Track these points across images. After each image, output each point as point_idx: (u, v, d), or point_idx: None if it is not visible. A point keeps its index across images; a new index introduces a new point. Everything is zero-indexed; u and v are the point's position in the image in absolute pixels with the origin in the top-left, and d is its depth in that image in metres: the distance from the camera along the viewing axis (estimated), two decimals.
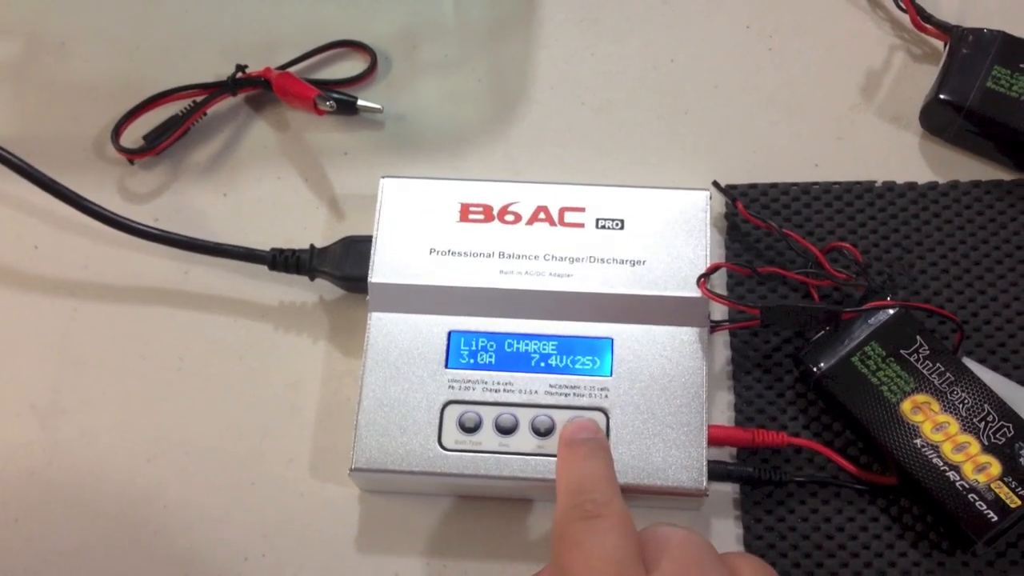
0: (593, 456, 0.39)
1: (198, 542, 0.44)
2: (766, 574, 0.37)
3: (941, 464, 0.41)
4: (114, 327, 0.48)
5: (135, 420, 0.47)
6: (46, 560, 0.44)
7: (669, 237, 0.45)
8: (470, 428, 0.43)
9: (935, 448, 0.41)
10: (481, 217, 0.46)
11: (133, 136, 0.52)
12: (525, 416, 0.43)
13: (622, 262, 0.45)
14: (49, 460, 0.46)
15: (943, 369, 0.42)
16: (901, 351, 0.43)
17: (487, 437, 0.43)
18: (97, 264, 0.50)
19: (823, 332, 0.44)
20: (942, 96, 0.48)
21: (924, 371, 0.42)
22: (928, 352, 0.43)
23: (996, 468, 0.40)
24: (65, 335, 0.48)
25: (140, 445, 0.46)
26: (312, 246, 0.47)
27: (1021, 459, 0.40)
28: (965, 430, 0.41)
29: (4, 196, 0.51)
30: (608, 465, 0.39)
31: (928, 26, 0.51)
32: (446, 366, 0.44)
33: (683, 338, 0.44)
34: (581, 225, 0.46)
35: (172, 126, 0.51)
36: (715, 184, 0.49)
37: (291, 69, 0.53)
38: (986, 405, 0.41)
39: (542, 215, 0.46)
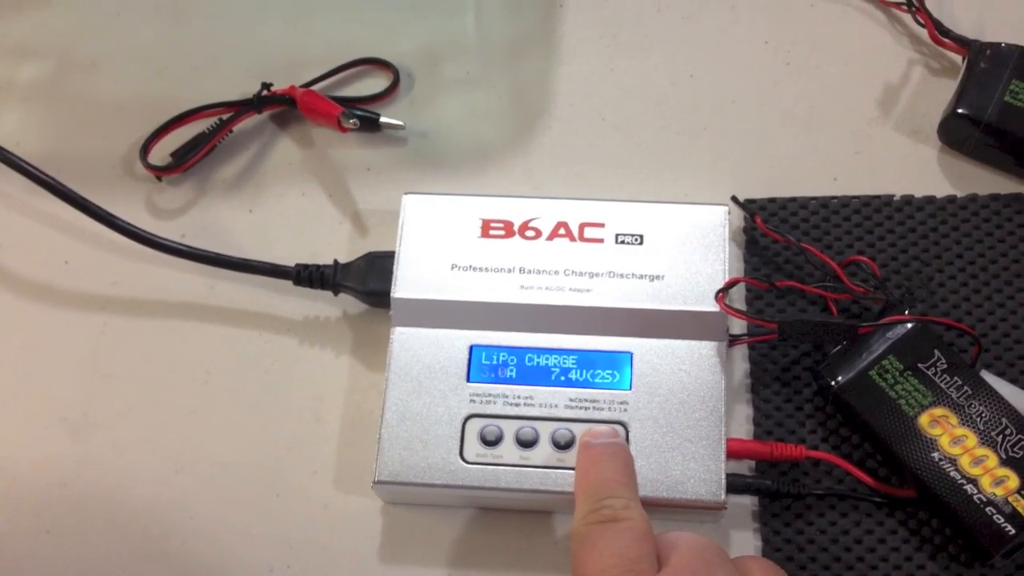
0: (612, 459, 0.40)
1: (224, 553, 0.45)
2: (776, 574, 0.37)
3: (959, 477, 0.41)
4: (143, 341, 0.50)
5: (163, 433, 0.47)
6: (76, 570, 0.45)
7: (688, 252, 0.46)
8: (491, 441, 0.43)
9: (953, 461, 0.41)
10: (502, 233, 0.46)
11: (161, 154, 0.53)
12: (545, 429, 0.43)
13: (641, 277, 0.45)
14: (79, 472, 0.47)
15: (961, 383, 0.42)
16: (919, 365, 0.43)
17: (508, 450, 0.43)
18: (126, 279, 0.51)
19: (841, 346, 0.44)
20: (960, 110, 0.48)
21: (942, 385, 0.42)
22: (946, 366, 0.43)
23: (1014, 481, 0.40)
24: (95, 349, 0.49)
25: (168, 457, 0.47)
26: (336, 261, 0.48)
27: None
28: (983, 443, 0.41)
29: (36, 213, 0.53)
30: (627, 469, 0.40)
31: (946, 40, 0.51)
32: (467, 380, 0.44)
33: (702, 352, 0.44)
34: (601, 240, 0.46)
35: (199, 143, 0.52)
36: (734, 199, 0.49)
37: (315, 87, 0.54)
38: (1004, 419, 0.42)
39: (562, 231, 0.46)
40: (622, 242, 0.46)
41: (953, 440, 0.42)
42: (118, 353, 0.49)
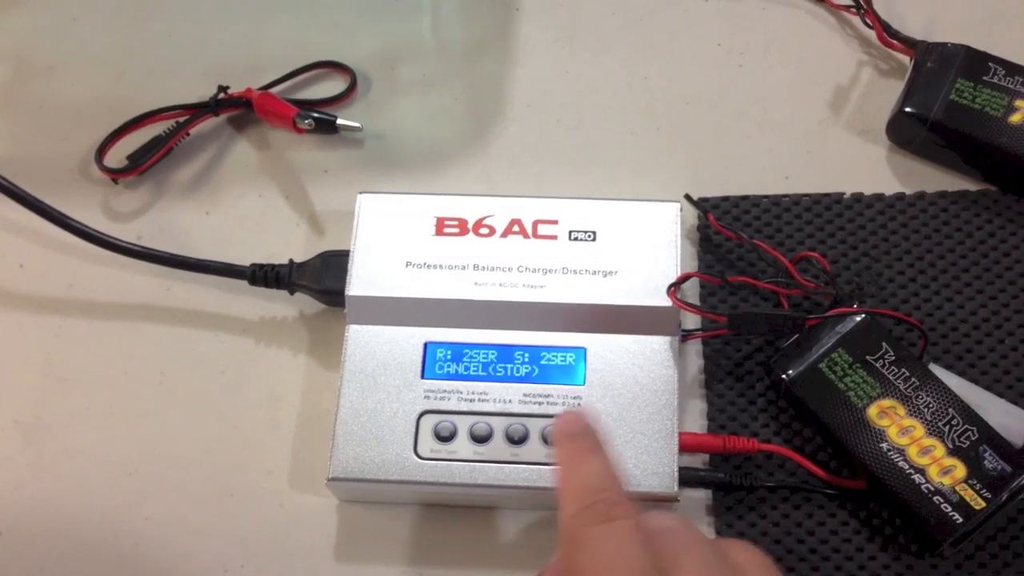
0: (597, 452, 0.37)
1: (179, 554, 0.45)
2: (766, 567, 0.36)
3: (907, 467, 0.41)
4: (98, 343, 0.49)
5: (117, 434, 0.47)
6: (29, 573, 0.45)
7: (641, 248, 0.46)
8: (445, 437, 0.43)
9: (901, 451, 0.42)
10: (456, 231, 0.47)
11: (117, 157, 0.53)
12: (499, 425, 0.43)
13: (594, 273, 0.46)
14: (33, 475, 0.47)
15: (908, 374, 0.43)
16: (867, 357, 0.43)
17: (462, 446, 0.43)
18: (81, 282, 0.51)
19: (792, 340, 0.45)
20: (907, 109, 0.49)
21: (890, 376, 0.43)
22: (894, 358, 0.43)
23: (961, 471, 0.41)
24: (50, 352, 0.49)
25: (122, 459, 0.47)
26: (291, 261, 0.48)
27: (986, 462, 0.41)
28: (930, 434, 0.42)
29: None
30: (611, 462, 0.37)
31: (894, 41, 0.52)
32: (422, 376, 0.44)
33: (654, 347, 0.45)
34: (554, 237, 0.46)
35: (155, 146, 0.52)
36: (687, 197, 0.50)
37: (273, 90, 0.54)
38: (951, 409, 0.42)
39: (516, 228, 0.47)
40: (575, 239, 0.46)
41: (901, 431, 0.42)
42: (72, 356, 0.49)
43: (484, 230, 0.47)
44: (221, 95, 0.53)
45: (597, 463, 0.37)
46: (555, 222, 0.47)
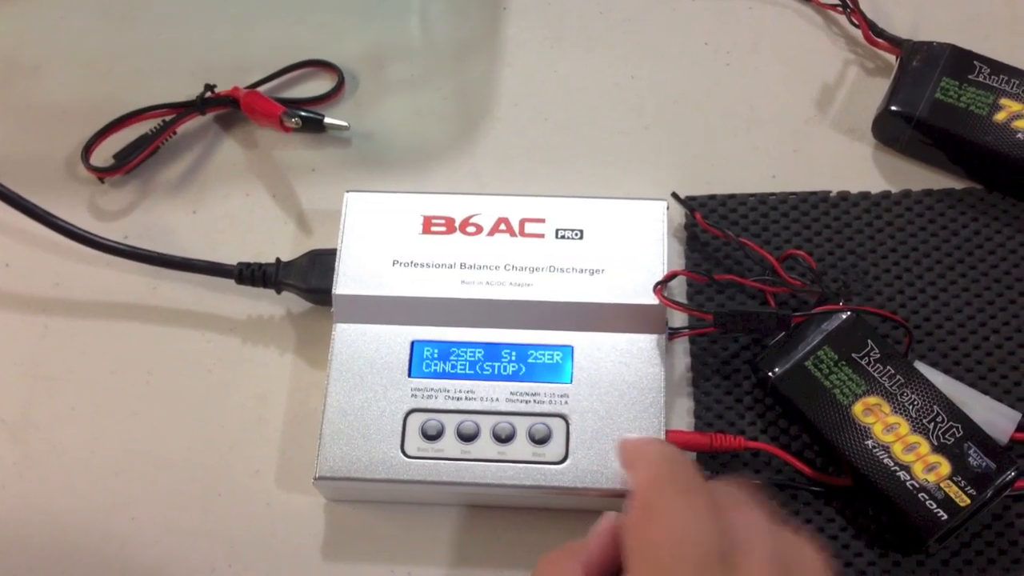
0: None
1: (165, 554, 0.45)
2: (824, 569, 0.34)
3: (892, 464, 0.41)
4: (84, 342, 0.49)
5: (104, 434, 0.47)
6: (15, 574, 0.45)
7: (627, 246, 0.46)
8: (432, 436, 0.43)
9: (886, 449, 0.42)
10: (443, 229, 0.47)
11: (104, 155, 0.52)
12: (486, 423, 0.43)
13: (581, 271, 0.46)
14: (19, 474, 0.47)
15: (893, 372, 0.43)
16: (852, 355, 0.44)
17: (449, 444, 0.43)
18: (68, 281, 0.51)
19: (779, 338, 0.45)
20: (893, 107, 0.49)
21: (875, 374, 0.43)
22: (879, 355, 0.43)
23: (946, 468, 0.41)
24: (36, 351, 0.49)
25: (108, 459, 0.47)
26: (278, 260, 0.48)
27: (970, 459, 0.41)
28: (915, 431, 0.42)
29: None
30: None
31: (880, 40, 0.52)
32: (409, 375, 0.44)
33: (641, 345, 0.45)
34: (541, 236, 0.46)
35: (142, 145, 0.52)
36: (674, 195, 0.50)
37: (260, 88, 0.54)
38: (935, 406, 0.42)
39: (503, 226, 0.47)
40: (562, 237, 0.46)
41: (886, 428, 0.42)
42: (59, 354, 0.49)
43: (471, 229, 0.47)
44: (208, 94, 0.53)
45: (670, 445, 0.38)
46: (542, 220, 0.47)
